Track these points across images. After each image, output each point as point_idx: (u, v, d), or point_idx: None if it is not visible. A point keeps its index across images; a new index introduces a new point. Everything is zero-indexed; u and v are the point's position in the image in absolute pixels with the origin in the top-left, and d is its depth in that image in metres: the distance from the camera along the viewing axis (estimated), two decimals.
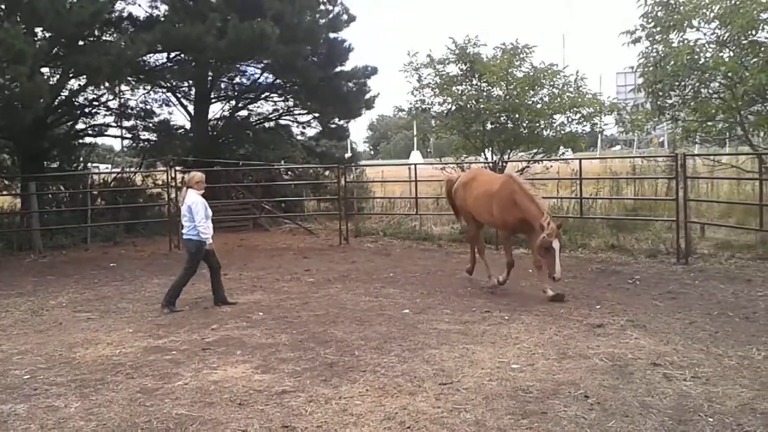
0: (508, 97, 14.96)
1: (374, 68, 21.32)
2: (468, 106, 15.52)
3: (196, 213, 8.86)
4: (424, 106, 16.54)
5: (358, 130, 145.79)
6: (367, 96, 21.48)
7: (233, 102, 22.86)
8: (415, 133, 24.71)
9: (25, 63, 12.79)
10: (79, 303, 9.75)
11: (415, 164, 17.58)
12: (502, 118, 15.32)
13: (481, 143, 15.89)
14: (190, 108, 22.08)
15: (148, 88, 21.59)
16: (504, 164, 15.16)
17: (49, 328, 8.28)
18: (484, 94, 15.42)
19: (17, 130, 16.49)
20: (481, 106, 15.11)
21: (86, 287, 10.94)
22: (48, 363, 6.73)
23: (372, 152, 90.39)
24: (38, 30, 15.41)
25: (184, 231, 9.07)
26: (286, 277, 11.19)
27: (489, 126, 15.60)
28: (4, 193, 19.12)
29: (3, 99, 14.44)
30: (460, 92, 15.70)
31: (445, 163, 17.34)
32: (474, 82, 15.64)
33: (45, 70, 16.68)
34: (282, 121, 23.49)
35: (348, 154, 26.79)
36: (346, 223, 15.70)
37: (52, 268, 13.15)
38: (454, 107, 15.81)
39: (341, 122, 22.87)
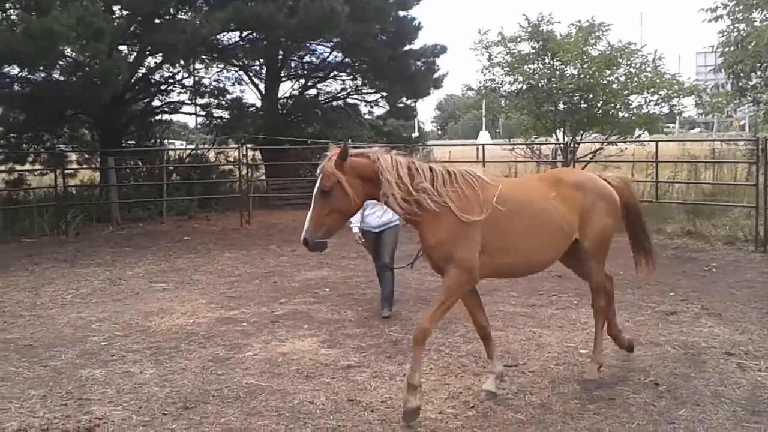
0: (582, 76, 14.61)
1: (443, 47, 21.09)
2: (540, 85, 15.23)
3: None
4: (493, 85, 16.32)
5: (426, 110, 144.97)
6: (436, 75, 21.28)
7: (303, 80, 23.05)
8: (483, 113, 24.40)
9: (104, 41, 13.22)
10: (155, 274, 10.11)
11: (483, 145, 17.37)
12: (575, 98, 14.98)
13: (553, 124, 15.60)
14: (261, 86, 22.41)
15: (222, 66, 22.01)
16: (576, 146, 14.80)
17: (127, 297, 8.63)
18: (557, 73, 15.09)
19: (96, 107, 17.11)
20: (554, 85, 14.79)
21: (161, 259, 11.33)
22: (125, 331, 7.03)
23: (439, 132, 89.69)
24: (116, 8, 15.90)
25: None
26: (353, 255, 11.28)
27: (561, 106, 15.30)
28: (85, 167, 19.91)
29: (83, 76, 15.02)
30: (531, 71, 15.41)
31: (515, 144, 17.05)
32: (547, 60, 15.33)
33: (123, 47, 17.24)
34: (350, 100, 23.56)
35: (415, 134, 26.71)
36: None
37: (129, 239, 13.66)
38: (525, 86, 15.54)
39: (409, 102, 22.76)
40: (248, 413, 4.84)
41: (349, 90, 23.16)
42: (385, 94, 22.19)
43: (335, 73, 22.50)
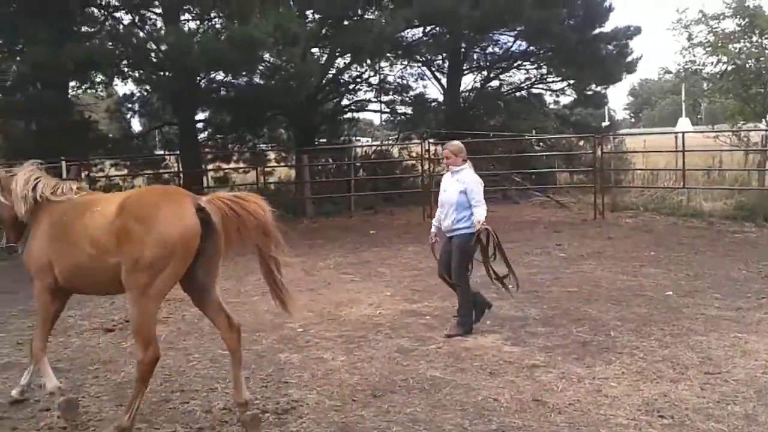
0: None
1: (637, 28, 19.95)
2: (747, 65, 13.90)
3: None
4: (694, 68, 15.14)
5: (617, 97, 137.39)
6: (629, 59, 20.16)
7: (485, 72, 22.93)
8: (683, 97, 22.62)
9: (299, 45, 14.06)
10: (344, 266, 10.58)
11: (683, 132, 16.10)
12: None
13: (763, 108, 14.14)
14: (443, 81, 22.64)
15: (405, 63, 22.54)
16: None
17: (320, 287, 9.10)
18: (767, 51, 13.62)
19: (292, 108, 18.30)
20: (763, 65, 13.40)
21: (350, 252, 11.82)
22: (318, 318, 7.42)
23: (632, 120, 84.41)
24: (309, 12, 16.86)
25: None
26: (536, 251, 11.01)
27: None
28: (282, 164, 21.35)
29: (280, 79, 16.11)
30: (737, 50, 14.11)
31: (719, 131, 15.64)
32: (754, 38, 13.95)
33: (315, 50, 18.22)
34: (534, 90, 23.09)
35: (605, 123, 25.45)
36: (602, 197, 14.92)
37: (321, 233, 14.42)
38: (730, 67, 14.26)
39: (598, 88, 21.83)
40: (433, 405, 4.90)
41: (534, 79, 22.68)
42: (572, 81, 21.46)
43: (519, 62, 22.14)
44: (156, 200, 4.41)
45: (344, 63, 19.92)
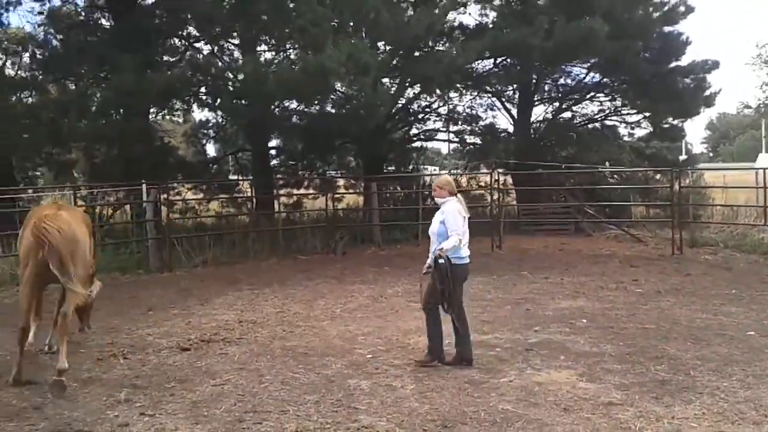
0: None
1: (715, 62, 19.38)
2: None
3: None
4: None
5: (695, 130, 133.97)
6: (707, 93, 19.53)
7: (556, 104, 22.66)
8: (763, 132, 21.83)
9: (370, 74, 14.27)
10: (411, 294, 10.49)
11: (765, 169, 15.46)
12: None
13: None
14: (513, 111, 22.50)
15: (475, 93, 22.54)
16: None
17: (387, 314, 9.12)
18: None
19: (362, 136, 18.55)
20: None
21: (417, 280, 11.70)
22: (386, 345, 7.42)
23: (711, 154, 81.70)
24: (380, 44, 17.14)
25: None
26: (611, 286, 10.71)
27: None
28: (351, 191, 21.60)
29: (351, 108, 16.39)
30: None
31: None
32: None
33: (385, 80, 18.47)
34: (608, 122, 22.61)
35: (683, 157, 24.71)
36: (680, 232, 14.43)
37: (389, 260, 14.45)
38: None
39: (675, 122, 21.20)
40: None
41: (607, 111, 22.27)
42: (647, 114, 20.93)
43: (592, 94, 21.81)
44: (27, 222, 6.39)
45: (414, 93, 20.08)
